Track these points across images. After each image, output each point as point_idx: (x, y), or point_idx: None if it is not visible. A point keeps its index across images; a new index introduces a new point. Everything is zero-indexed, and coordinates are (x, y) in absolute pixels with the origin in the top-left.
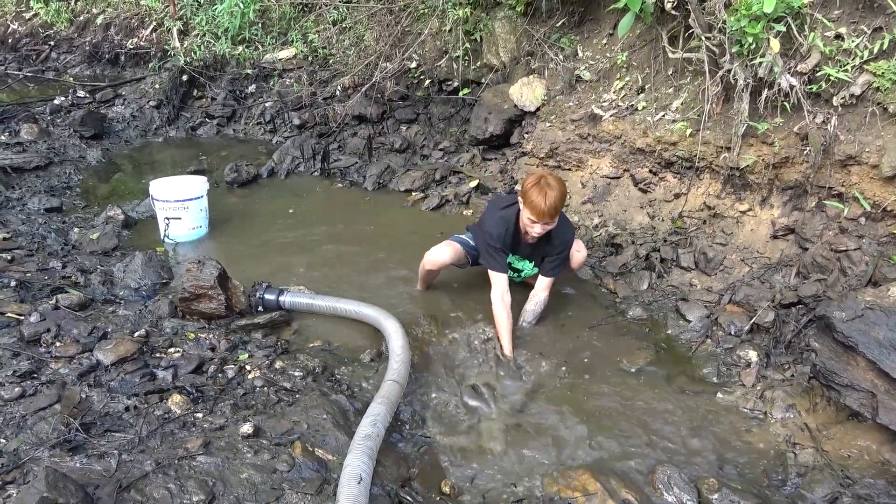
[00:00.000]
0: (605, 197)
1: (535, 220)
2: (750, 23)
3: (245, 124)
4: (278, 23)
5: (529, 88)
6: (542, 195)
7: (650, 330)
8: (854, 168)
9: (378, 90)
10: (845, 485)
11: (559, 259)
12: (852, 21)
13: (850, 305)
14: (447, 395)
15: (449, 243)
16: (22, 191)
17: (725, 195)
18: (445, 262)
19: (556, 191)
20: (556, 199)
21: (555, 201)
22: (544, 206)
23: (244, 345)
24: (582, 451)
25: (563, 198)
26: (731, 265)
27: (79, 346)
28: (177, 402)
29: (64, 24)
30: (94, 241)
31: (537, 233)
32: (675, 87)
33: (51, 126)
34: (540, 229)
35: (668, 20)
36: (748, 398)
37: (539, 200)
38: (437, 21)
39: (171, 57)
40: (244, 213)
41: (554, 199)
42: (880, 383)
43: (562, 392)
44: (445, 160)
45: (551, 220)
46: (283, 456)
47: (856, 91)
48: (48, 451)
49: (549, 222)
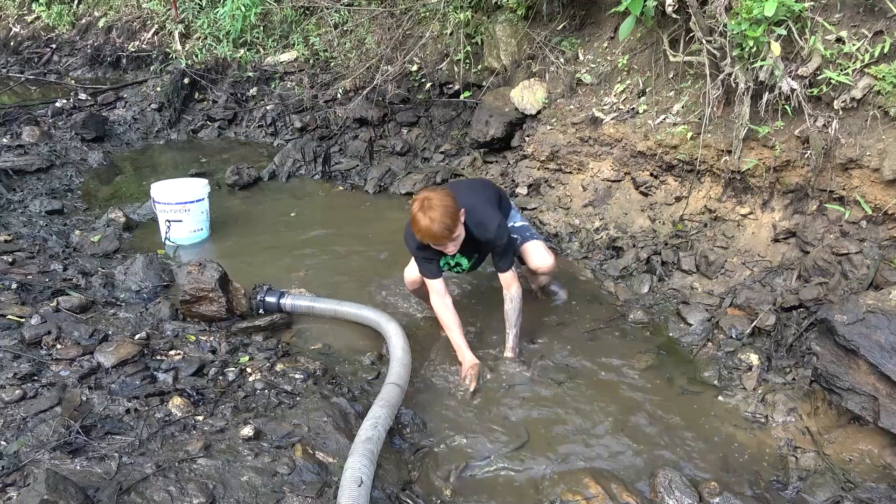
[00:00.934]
0: (606, 200)
1: (434, 244)
2: (751, 26)
3: (246, 127)
4: (280, 26)
5: (530, 91)
6: (427, 219)
7: (651, 333)
8: (855, 171)
9: (379, 93)
10: (847, 489)
11: (502, 250)
12: (853, 24)
13: (852, 309)
14: (447, 398)
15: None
16: (23, 193)
17: (726, 198)
18: (417, 277)
19: (438, 210)
20: (440, 219)
21: (441, 222)
22: (434, 229)
23: (245, 347)
24: (583, 453)
25: (448, 213)
26: (733, 268)
27: (80, 349)
28: (177, 404)
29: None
30: (95, 244)
31: (451, 251)
32: (675, 91)
33: (52, 129)
34: (452, 248)
35: (669, 24)
36: (749, 402)
37: (426, 225)
38: (438, 24)
39: (173, 60)
40: (245, 215)
41: (439, 221)
42: (882, 387)
43: (562, 395)
44: (446, 163)
45: (450, 236)
46: (283, 459)
47: (857, 94)
48: (48, 453)
49: (452, 238)
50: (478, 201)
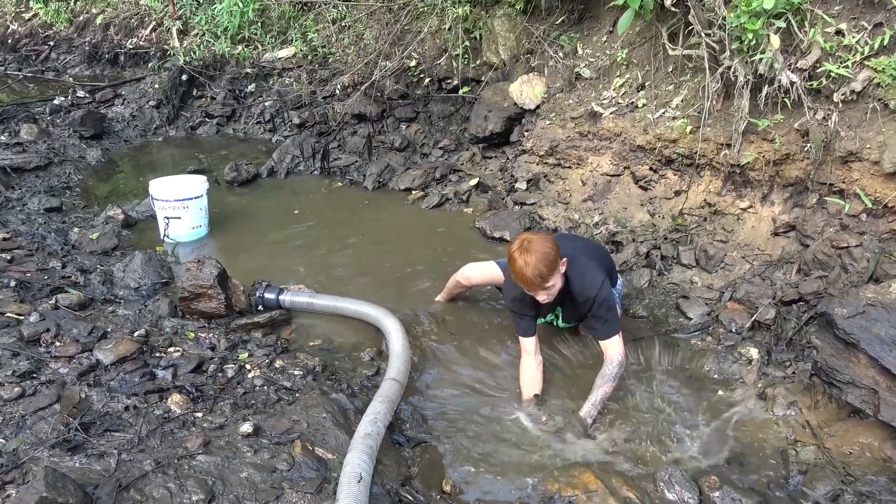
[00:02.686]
0: (605, 195)
1: (526, 290)
2: (750, 19)
3: (245, 123)
4: (278, 22)
5: (529, 86)
6: (522, 261)
7: (651, 327)
8: (855, 164)
9: (378, 89)
10: (847, 482)
11: (600, 312)
12: (853, 17)
13: (852, 302)
14: (447, 393)
15: (489, 264)
16: (22, 191)
17: (726, 192)
18: (474, 281)
19: (536, 255)
20: (537, 264)
21: (537, 266)
22: (527, 273)
23: (244, 344)
24: (583, 447)
25: (545, 260)
26: (732, 262)
27: (78, 346)
28: (176, 401)
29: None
30: (93, 241)
31: (543, 299)
32: (675, 85)
33: (50, 126)
34: (544, 296)
35: (668, 17)
36: (749, 395)
37: (520, 267)
38: (436, 19)
39: (171, 56)
40: (244, 212)
41: (535, 265)
42: (882, 380)
43: (561, 389)
44: (445, 158)
45: (544, 284)
46: (282, 455)
47: (856, 87)
48: (48, 450)
49: (545, 287)
50: (583, 256)
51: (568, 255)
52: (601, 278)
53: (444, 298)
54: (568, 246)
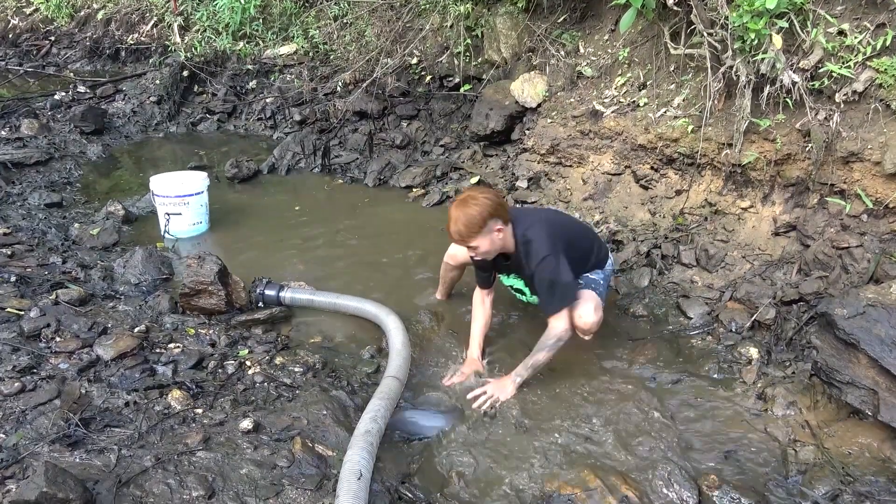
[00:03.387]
0: (606, 193)
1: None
2: (752, 19)
3: (246, 120)
4: (279, 18)
5: (531, 84)
6: (452, 215)
7: (651, 327)
8: (856, 165)
9: (379, 86)
10: (846, 482)
11: (542, 291)
12: (855, 17)
13: (852, 303)
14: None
15: None
16: (22, 186)
17: (727, 192)
18: (459, 258)
19: (464, 215)
20: (457, 222)
21: (456, 224)
22: (451, 228)
23: (244, 340)
24: (581, 447)
25: (469, 221)
26: (733, 262)
27: (79, 342)
28: (177, 397)
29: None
30: (94, 237)
31: (472, 255)
32: (676, 84)
33: (51, 121)
34: (471, 254)
35: (670, 16)
36: (749, 395)
37: (448, 220)
38: (438, 17)
39: (172, 52)
40: (244, 208)
41: (455, 222)
42: (882, 381)
43: (561, 388)
44: (446, 156)
45: (463, 242)
46: (282, 452)
47: (858, 87)
48: (48, 446)
49: (467, 245)
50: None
51: (524, 225)
52: (544, 253)
53: (443, 294)
54: (530, 217)
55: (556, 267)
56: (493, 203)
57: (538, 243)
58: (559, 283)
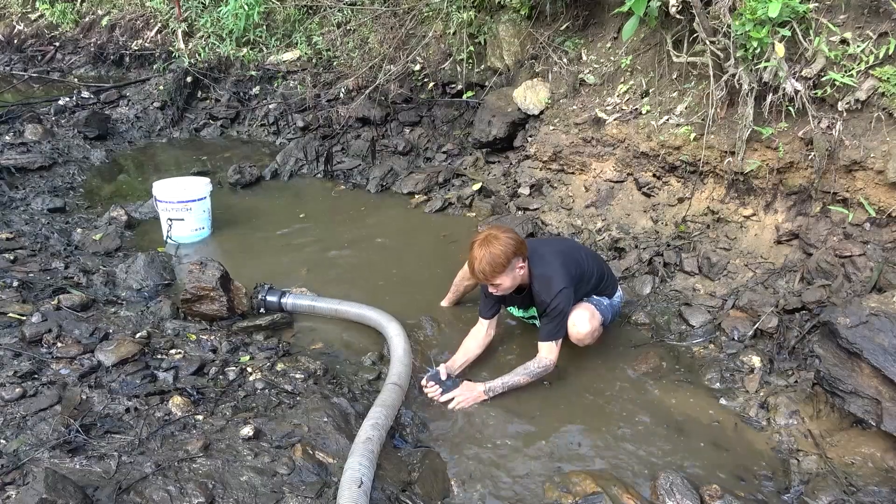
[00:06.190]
0: (608, 201)
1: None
2: (755, 27)
3: (249, 126)
4: (283, 25)
5: (533, 92)
6: (473, 255)
7: (653, 335)
8: (859, 173)
9: (382, 92)
10: (849, 492)
11: (548, 320)
12: (857, 26)
13: (855, 311)
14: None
15: None
16: (26, 191)
17: (729, 200)
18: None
19: (489, 254)
20: (482, 262)
21: (481, 264)
22: (475, 267)
23: (245, 346)
24: (583, 456)
25: (493, 262)
26: (735, 270)
27: (80, 347)
28: (177, 403)
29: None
30: (96, 242)
31: (492, 291)
32: (679, 91)
33: (55, 126)
34: (492, 290)
35: (673, 24)
36: (751, 404)
37: (471, 260)
38: (441, 24)
39: (176, 58)
40: (247, 214)
41: (480, 262)
42: (885, 390)
43: (563, 397)
44: (449, 163)
45: (487, 282)
46: (283, 459)
47: (861, 96)
48: (48, 452)
49: (488, 283)
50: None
51: (540, 257)
52: (561, 286)
53: (451, 301)
54: (546, 248)
55: (569, 299)
56: (515, 242)
57: (556, 276)
58: (565, 314)
